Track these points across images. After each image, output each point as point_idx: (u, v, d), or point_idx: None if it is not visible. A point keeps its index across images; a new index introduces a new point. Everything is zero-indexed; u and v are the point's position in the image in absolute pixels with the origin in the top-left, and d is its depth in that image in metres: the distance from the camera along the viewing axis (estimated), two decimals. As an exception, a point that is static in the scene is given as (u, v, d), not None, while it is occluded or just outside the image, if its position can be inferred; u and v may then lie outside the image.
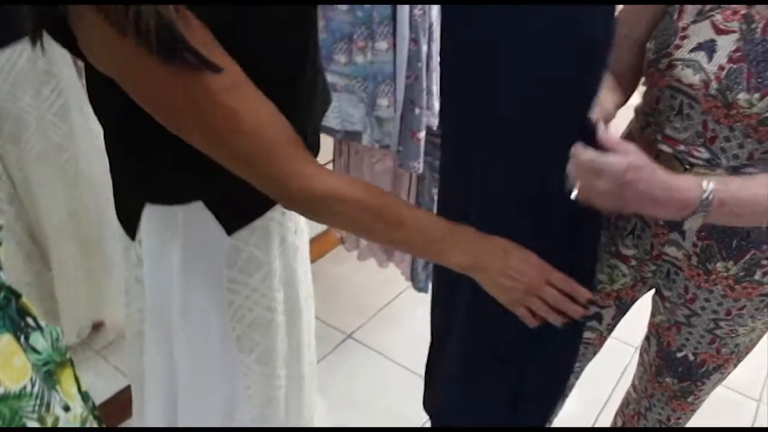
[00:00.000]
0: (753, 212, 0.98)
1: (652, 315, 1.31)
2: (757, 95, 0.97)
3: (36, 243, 1.83)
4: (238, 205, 1.00)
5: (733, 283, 1.13)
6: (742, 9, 0.99)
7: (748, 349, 1.24)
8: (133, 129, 0.90)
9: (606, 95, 1.03)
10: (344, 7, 1.58)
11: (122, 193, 1.06)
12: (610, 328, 1.37)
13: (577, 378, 1.48)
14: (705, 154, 1.06)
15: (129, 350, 1.19)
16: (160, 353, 1.11)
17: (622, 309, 1.34)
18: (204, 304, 1.08)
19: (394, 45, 1.57)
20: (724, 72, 1.00)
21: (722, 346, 1.21)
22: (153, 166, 0.95)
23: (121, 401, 1.58)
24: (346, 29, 1.60)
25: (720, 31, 1.01)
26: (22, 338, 0.85)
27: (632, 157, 0.91)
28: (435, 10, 1.60)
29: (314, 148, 1.11)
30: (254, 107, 0.85)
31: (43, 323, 0.89)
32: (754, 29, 0.98)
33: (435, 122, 1.72)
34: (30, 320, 0.87)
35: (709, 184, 0.93)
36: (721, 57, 1.01)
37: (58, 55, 1.64)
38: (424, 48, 1.58)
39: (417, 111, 1.64)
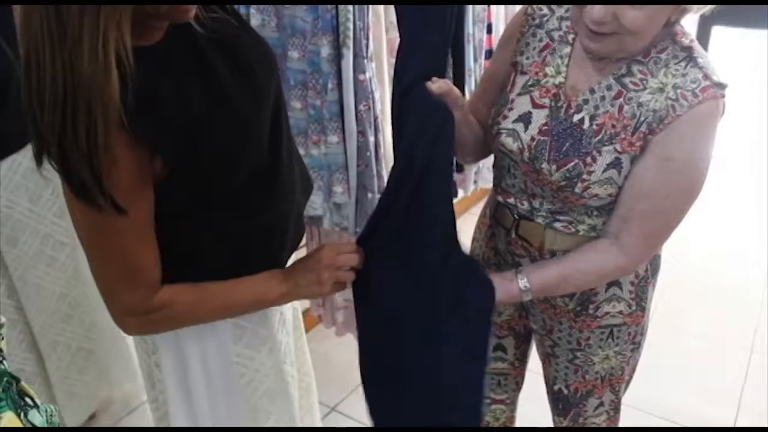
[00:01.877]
0: (576, 285, 1.28)
1: (536, 350, 1.54)
2: (554, 166, 1.20)
3: (36, 333, 2.05)
4: None
5: (574, 316, 1.37)
6: (553, 89, 1.23)
7: (618, 377, 1.45)
8: None
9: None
10: (298, 105, 1.87)
11: None
12: (518, 357, 1.59)
13: (513, 410, 1.68)
14: (527, 207, 1.31)
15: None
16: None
17: (521, 338, 1.56)
18: (218, 379, 1.26)
19: (344, 138, 1.84)
20: (534, 143, 1.23)
21: (585, 374, 1.43)
22: (163, 261, 1.11)
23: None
24: (301, 125, 1.88)
25: (536, 105, 1.25)
26: (22, 415, 1.09)
27: None
28: (378, 105, 1.87)
29: (298, 230, 1.32)
30: (144, 253, 1.05)
31: (39, 402, 1.13)
32: (560, 107, 1.22)
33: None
34: (28, 400, 1.11)
35: (523, 277, 1.25)
36: (533, 129, 1.24)
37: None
38: (371, 139, 1.85)
39: (369, 195, 1.90)
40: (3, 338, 1.10)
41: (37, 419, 1.13)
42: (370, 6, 1.82)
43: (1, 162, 1.80)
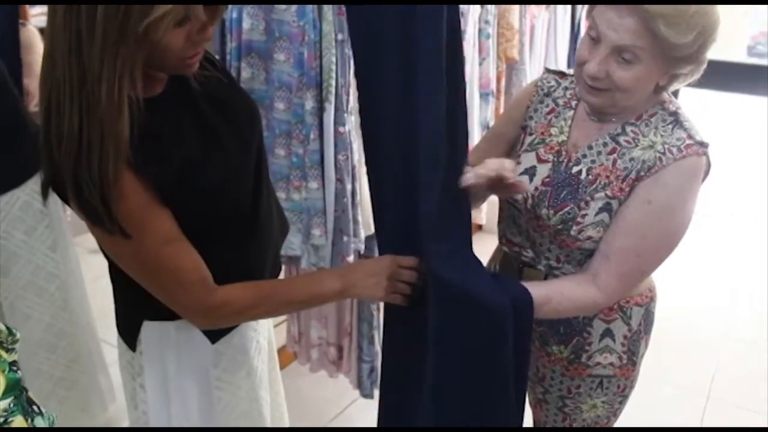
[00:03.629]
0: (557, 309, 1.36)
1: (527, 395, 1.68)
2: (552, 211, 1.40)
3: (20, 360, 2.17)
4: None
5: (567, 364, 1.52)
6: (557, 146, 1.43)
7: (602, 425, 1.59)
8: None
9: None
10: (282, 153, 2.08)
11: (124, 313, 1.35)
12: None
13: None
14: (530, 254, 1.49)
15: None
16: None
17: None
18: (196, 401, 1.36)
19: (323, 184, 2.04)
20: (537, 192, 1.43)
21: (573, 422, 1.58)
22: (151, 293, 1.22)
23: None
24: (284, 171, 2.09)
25: (540, 161, 1.45)
26: (29, 420, 1.27)
27: None
28: (356, 155, 2.08)
29: (275, 267, 1.45)
30: (181, 256, 1.17)
31: (44, 410, 1.31)
32: (561, 161, 1.42)
33: (362, 247, 2.17)
34: (35, 407, 1.29)
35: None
36: (537, 181, 1.43)
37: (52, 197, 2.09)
38: (349, 186, 2.05)
39: (345, 239, 2.09)
40: (16, 352, 1.28)
41: (41, 425, 1.32)
42: (353, 63, 2.05)
43: (0, 196, 1.96)
